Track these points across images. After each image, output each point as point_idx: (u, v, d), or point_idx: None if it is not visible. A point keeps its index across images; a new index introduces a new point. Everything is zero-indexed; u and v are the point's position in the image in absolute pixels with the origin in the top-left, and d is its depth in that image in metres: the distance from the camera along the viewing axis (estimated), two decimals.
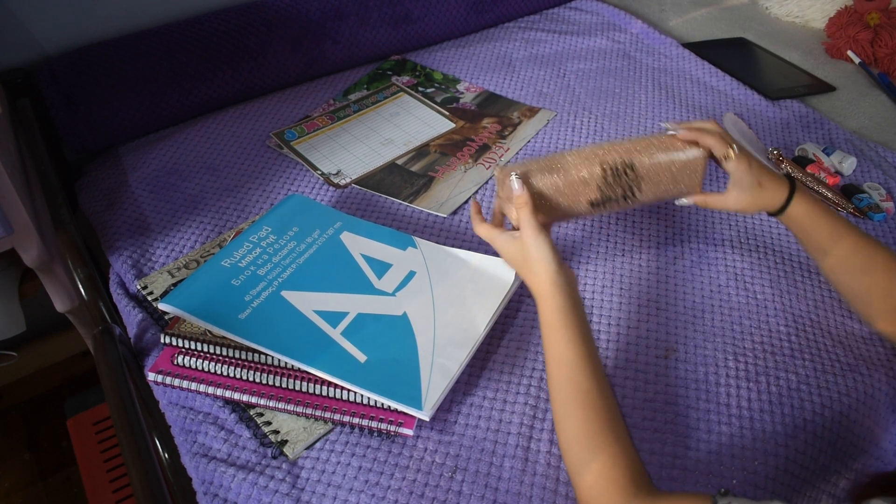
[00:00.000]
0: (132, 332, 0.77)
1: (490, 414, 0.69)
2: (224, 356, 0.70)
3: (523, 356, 0.75)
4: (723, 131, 0.70)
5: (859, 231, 0.69)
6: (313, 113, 1.11)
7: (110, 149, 1.06)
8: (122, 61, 1.02)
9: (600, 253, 0.87)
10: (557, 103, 1.14)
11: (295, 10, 1.13)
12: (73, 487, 1.24)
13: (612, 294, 0.82)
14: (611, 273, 0.84)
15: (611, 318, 0.79)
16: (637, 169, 0.70)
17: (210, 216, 0.92)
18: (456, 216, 0.92)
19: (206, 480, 0.65)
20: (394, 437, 0.67)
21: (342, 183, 0.97)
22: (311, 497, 0.63)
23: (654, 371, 0.74)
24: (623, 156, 0.70)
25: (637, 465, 0.54)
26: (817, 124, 1.10)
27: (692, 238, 0.89)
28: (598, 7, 1.40)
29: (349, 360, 0.68)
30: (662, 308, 0.80)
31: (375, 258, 0.80)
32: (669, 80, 1.20)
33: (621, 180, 0.70)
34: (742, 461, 0.66)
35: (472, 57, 1.25)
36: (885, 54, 1.23)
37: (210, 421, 0.69)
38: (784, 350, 0.76)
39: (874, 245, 0.68)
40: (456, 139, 1.05)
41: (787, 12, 1.40)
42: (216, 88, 1.09)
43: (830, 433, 0.70)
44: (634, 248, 0.87)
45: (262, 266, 0.77)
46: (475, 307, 0.75)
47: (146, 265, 0.85)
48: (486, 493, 0.63)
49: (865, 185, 0.97)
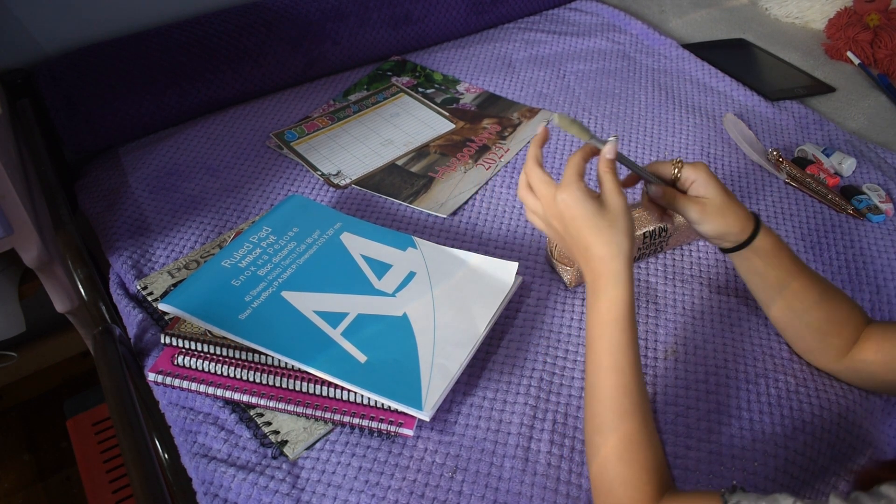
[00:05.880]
0: (132, 333, 0.77)
1: (490, 414, 0.69)
2: (224, 356, 0.70)
3: (523, 356, 0.75)
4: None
5: (808, 266, 0.68)
6: (313, 113, 1.11)
7: (110, 149, 1.06)
8: (122, 62, 1.02)
9: None
10: (557, 104, 1.14)
11: (295, 11, 1.13)
12: (72, 488, 1.24)
13: None
14: None
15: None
16: (668, 229, 0.83)
17: (210, 217, 0.92)
18: (456, 217, 0.92)
19: (206, 481, 0.65)
20: (394, 438, 0.67)
21: (342, 183, 0.97)
22: (311, 497, 0.63)
23: (653, 372, 0.74)
24: (657, 222, 0.81)
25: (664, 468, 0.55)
26: (817, 125, 1.10)
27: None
28: (597, 8, 1.40)
29: (349, 360, 0.68)
30: (662, 309, 0.80)
31: (375, 259, 0.80)
32: (669, 81, 1.20)
33: (656, 241, 0.83)
34: (742, 462, 0.66)
35: (472, 58, 1.25)
36: (885, 55, 1.23)
37: (210, 421, 0.69)
38: (783, 352, 0.76)
39: (823, 278, 0.68)
40: (456, 140, 1.05)
41: (787, 13, 1.40)
42: (216, 89, 1.09)
43: (829, 434, 0.70)
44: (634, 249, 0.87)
45: (263, 266, 0.77)
46: (475, 308, 0.75)
47: (146, 265, 0.85)
48: (486, 493, 0.63)
49: (865, 187, 0.97)
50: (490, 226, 0.91)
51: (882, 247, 0.89)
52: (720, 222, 0.64)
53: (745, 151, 1.04)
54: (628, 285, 0.54)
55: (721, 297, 0.82)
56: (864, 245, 0.90)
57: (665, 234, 0.83)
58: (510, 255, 0.86)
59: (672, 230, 0.83)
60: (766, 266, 0.66)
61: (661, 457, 0.55)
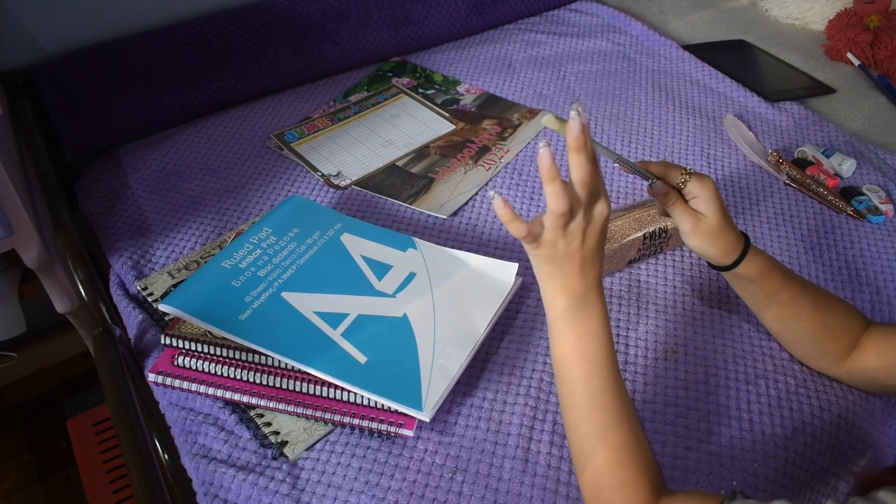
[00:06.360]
0: (132, 333, 0.77)
1: (490, 415, 0.69)
2: (224, 357, 0.70)
3: (523, 357, 0.75)
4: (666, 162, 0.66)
5: (800, 276, 0.68)
6: (313, 114, 1.11)
7: (110, 149, 1.06)
8: (123, 62, 1.02)
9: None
10: (557, 105, 1.14)
11: (295, 12, 1.13)
12: (72, 488, 1.24)
13: (612, 296, 0.82)
14: (609, 275, 0.84)
15: (610, 319, 0.79)
16: (668, 230, 0.83)
17: (210, 217, 0.92)
18: (456, 217, 0.92)
19: (207, 481, 0.65)
20: (394, 438, 0.67)
21: (342, 184, 0.97)
22: (311, 498, 0.63)
23: (653, 373, 0.74)
24: (658, 223, 0.82)
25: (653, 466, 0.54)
26: (817, 126, 1.10)
27: None
28: (598, 9, 1.40)
29: (349, 361, 0.68)
30: (662, 310, 0.80)
31: (375, 259, 0.80)
32: (669, 82, 1.20)
33: (656, 241, 0.83)
34: (742, 463, 0.66)
35: (472, 59, 1.25)
36: (885, 56, 1.23)
37: (210, 422, 0.69)
38: (783, 353, 0.76)
39: (818, 287, 0.68)
40: (456, 141, 1.05)
41: (787, 14, 1.40)
42: (216, 90, 1.09)
43: (829, 436, 0.70)
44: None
45: (263, 267, 0.77)
46: (475, 308, 0.75)
47: (146, 266, 0.85)
48: (486, 493, 0.63)
49: (865, 188, 0.97)
50: (490, 227, 0.91)
51: (882, 248, 0.90)
52: (707, 242, 0.64)
53: (745, 152, 1.04)
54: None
55: (721, 298, 0.82)
56: (864, 246, 0.90)
57: (665, 235, 0.83)
58: (510, 256, 0.86)
59: (672, 231, 0.83)
60: (752, 285, 0.67)
61: (654, 458, 0.56)
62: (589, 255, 0.54)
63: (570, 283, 0.54)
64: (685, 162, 1.03)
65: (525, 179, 0.98)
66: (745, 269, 0.65)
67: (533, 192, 0.96)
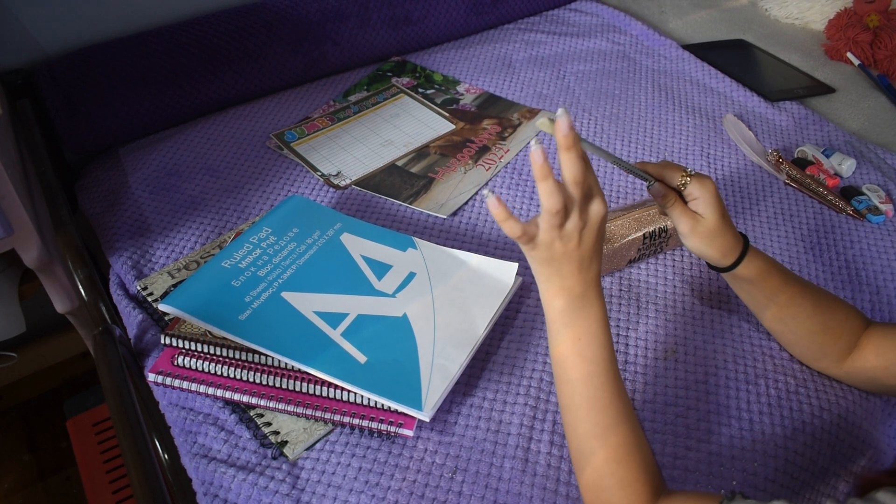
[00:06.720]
0: (132, 333, 0.77)
1: (490, 415, 0.69)
2: (224, 357, 0.70)
3: (523, 357, 0.75)
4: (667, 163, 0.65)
5: (800, 277, 0.68)
6: (313, 114, 1.11)
7: (110, 149, 1.06)
8: (123, 62, 1.02)
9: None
10: (557, 105, 1.14)
11: (295, 12, 1.13)
12: (72, 488, 1.24)
13: (611, 296, 0.82)
14: (609, 275, 0.84)
15: (610, 319, 0.79)
16: (668, 230, 0.83)
17: (210, 217, 0.92)
18: (456, 217, 0.92)
19: (207, 481, 0.65)
20: (394, 438, 0.67)
21: (342, 184, 0.97)
22: (311, 498, 0.63)
23: (653, 373, 0.74)
24: (658, 223, 0.82)
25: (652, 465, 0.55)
26: (817, 126, 1.10)
27: None
28: (597, 9, 1.40)
29: (349, 361, 0.68)
30: (662, 309, 0.80)
31: (375, 259, 0.80)
32: (669, 82, 1.20)
33: (656, 241, 0.83)
34: (742, 462, 0.66)
35: (472, 58, 1.25)
36: (885, 56, 1.23)
37: (210, 422, 0.69)
38: (783, 353, 0.76)
39: (817, 287, 0.68)
40: (456, 140, 1.05)
41: (787, 14, 1.40)
42: (216, 89, 1.09)
43: (829, 435, 0.70)
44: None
45: (263, 267, 0.77)
46: (475, 308, 0.75)
47: (146, 266, 0.85)
48: (486, 493, 0.63)
49: (864, 188, 0.97)
50: (490, 226, 0.91)
51: (882, 248, 0.90)
52: (706, 244, 0.65)
53: (745, 152, 1.04)
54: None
55: (721, 298, 0.82)
56: (864, 246, 0.90)
57: (665, 235, 0.83)
58: (510, 256, 0.86)
59: (672, 230, 0.83)
60: (751, 286, 0.68)
61: (654, 458, 0.56)
62: (586, 255, 0.54)
63: (568, 283, 0.54)
64: (685, 162, 1.03)
65: (525, 179, 0.98)
66: (743, 270, 0.66)
67: (533, 191, 0.96)
